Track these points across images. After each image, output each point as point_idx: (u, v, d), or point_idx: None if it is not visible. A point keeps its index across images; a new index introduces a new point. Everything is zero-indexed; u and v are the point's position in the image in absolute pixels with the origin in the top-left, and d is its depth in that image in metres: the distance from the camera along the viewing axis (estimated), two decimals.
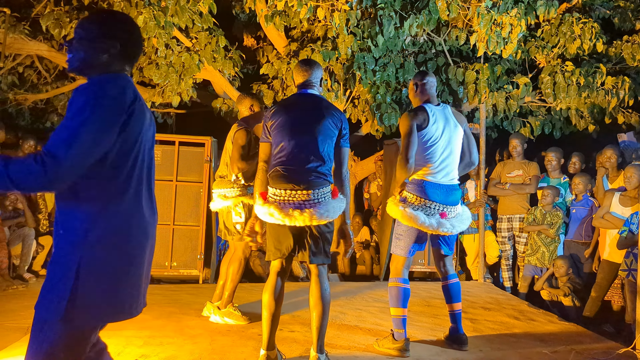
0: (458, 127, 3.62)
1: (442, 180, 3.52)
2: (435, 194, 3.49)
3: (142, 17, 5.27)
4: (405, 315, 3.51)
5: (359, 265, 7.00)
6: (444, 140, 3.53)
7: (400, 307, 3.50)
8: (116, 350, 3.36)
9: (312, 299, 3.09)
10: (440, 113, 3.57)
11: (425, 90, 3.65)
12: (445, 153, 3.54)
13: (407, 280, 3.60)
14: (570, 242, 5.59)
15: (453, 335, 3.68)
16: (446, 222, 3.47)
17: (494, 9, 5.23)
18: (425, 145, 3.50)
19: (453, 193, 3.58)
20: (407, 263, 3.61)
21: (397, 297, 3.52)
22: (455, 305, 3.66)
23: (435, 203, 3.48)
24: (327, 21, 5.87)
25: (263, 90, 6.34)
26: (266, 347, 3.11)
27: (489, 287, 5.77)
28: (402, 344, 3.45)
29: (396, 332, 3.50)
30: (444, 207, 3.50)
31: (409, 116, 3.50)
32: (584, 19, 5.71)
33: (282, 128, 3.09)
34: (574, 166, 6.03)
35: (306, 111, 3.12)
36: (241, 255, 4.11)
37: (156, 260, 5.91)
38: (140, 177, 1.88)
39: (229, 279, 4.09)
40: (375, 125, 6.41)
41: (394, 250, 3.65)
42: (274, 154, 3.14)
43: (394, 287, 3.56)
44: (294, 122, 3.09)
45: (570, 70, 5.85)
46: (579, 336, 4.04)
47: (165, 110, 8.31)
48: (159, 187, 6.03)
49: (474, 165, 3.83)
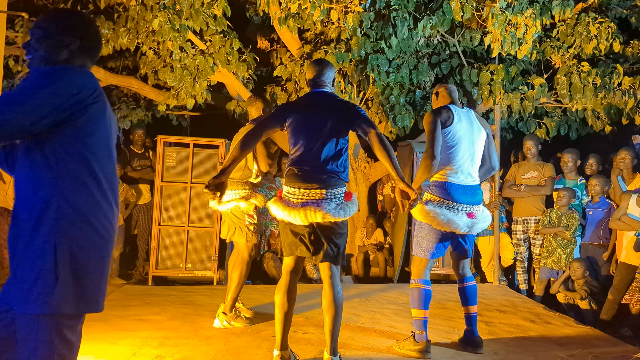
0: (482, 130, 3.61)
1: (464, 181, 3.50)
2: (460, 194, 3.47)
3: (157, 20, 5.32)
4: (426, 317, 3.50)
5: (372, 267, 6.98)
6: (467, 141, 3.51)
7: (422, 308, 3.49)
8: (132, 350, 3.39)
9: (325, 301, 3.09)
10: (465, 115, 3.56)
11: (447, 94, 3.65)
12: (467, 154, 3.52)
13: (429, 281, 3.58)
14: (587, 245, 5.52)
15: (468, 338, 3.65)
16: (472, 222, 3.45)
17: (508, 10, 5.20)
18: (448, 144, 3.47)
19: (477, 193, 3.57)
20: (428, 265, 3.59)
21: (418, 299, 3.51)
22: (471, 308, 3.64)
23: (462, 204, 3.46)
24: (340, 23, 5.88)
25: (277, 93, 6.36)
26: (279, 348, 3.13)
27: (504, 290, 5.72)
28: (424, 346, 3.43)
29: (417, 334, 3.48)
30: (470, 207, 3.49)
31: (433, 113, 3.48)
32: (600, 19, 5.65)
33: (296, 128, 3.12)
34: (590, 168, 5.96)
35: (319, 110, 3.14)
36: (247, 258, 4.07)
37: (171, 262, 5.97)
38: (97, 170, 1.89)
39: (233, 282, 4.02)
40: (389, 127, 6.39)
41: (415, 252, 3.64)
42: (290, 153, 3.17)
43: (416, 289, 3.54)
44: (308, 122, 3.12)
45: (587, 71, 5.78)
46: (596, 340, 3.99)
47: (180, 113, 8.37)
48: (174, 189, 6.08)
49: (494, 171, 3.83)
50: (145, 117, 8.18)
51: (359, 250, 7.00)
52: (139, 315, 4.30)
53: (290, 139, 3.17)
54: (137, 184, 6.67)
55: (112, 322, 4.06)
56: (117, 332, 3.80)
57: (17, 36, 6.26)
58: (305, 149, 3.09)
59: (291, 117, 3.15)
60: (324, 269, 3.12)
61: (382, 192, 7.71)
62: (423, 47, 6.15)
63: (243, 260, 4.07)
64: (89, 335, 3.68)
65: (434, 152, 3.39)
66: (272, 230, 6.91)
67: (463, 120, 3.52)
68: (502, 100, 6.02)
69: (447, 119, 3.47)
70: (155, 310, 4.45)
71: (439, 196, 3.48)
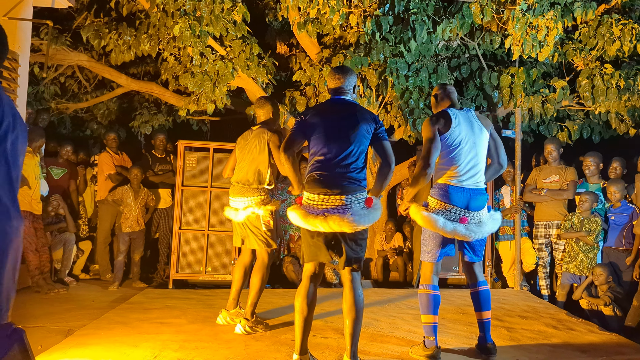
0: (483, 130, 3.57)
1: (466, 184, 3.47)
2: (457, 198, 3.44)
3: (178, 26, 5.38)
4: (436, 323, 3.48)
5: (392, 272, 6.96)
6: (468, 144, 3.49)
7: (431, 314, 3.47)
8: (152, 353, 3.43)
9: (346, 306, 3.11)
10: (464, 117, 3.53)
11: (445, 97, 3.64)
12: (469, 156, 3.49)
13: (437, 287, 3.56)
14: (609, 250, 5.43)
15: (481, 345, 3.61)
16: (462, 227, 3.40)
17: (529, 12, 5.15)
18: (449, 148, 3.46)
19: (478, 198, 3.50)
20: (435, 269, 3.57)
21: (427, 304, 3.49)
22: (485, 314, 3.59)
23: (456, 207, 3.43)
24: (359, 27, 5.88)
25: (296, 97, 6.39)
26: (299, 352, 3.14)
27: (525, 295, 5.64)
28: (433, 351, 3.42)
29: (427, 340, 3.47)
30: (465, 212, 3.44)
31: (430, 121, 3.48)
32: (623, 20, 5.56)
33: (317, 135, 3.17)
34: (614, 171, 5.86)
35: (340, 118, 3.18)
36: (268, 263, 4.05)
37: (191, 266, 6.03)
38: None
39: (255, 288, 3.99)
40: (408, 131, 6.36)
41: (421, 257, 3.65)
42: (310, 160, 3.20)
43: (424, 294, 3.53)
44: (328, 129, 3.16)
45: (610, 73, 5.69)
46: (620, 347, 3.91)
47: (200, 118, 8.45)
48: (194, 194, 6.14)
49: (503, 169, 3.75)
50: (166, 122, 8.29)
51: (378, 255, 6.98)
52: (160, 318, 4.35)
53: (310, 145, 3.22)
54: (157, 188, 6.75)
55: (133, 324, 4.12)
56: (138, 334, 3.85)
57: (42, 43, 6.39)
58: (326, 155, 3.13)
59: (311, 125, 3.20)
60: (345, 273, 3.15)
61: (401, 196, 7.67)
62: (442, 50, 6.12)
63: (264, 264, 4.05)
64: (110, 337, 3.75)
65: (429, 162, 3.37)
66: (292, 235, 6.93)
67: (462, 122, 3.49)
68: (523, 104, 5.96)
69: (445, 124, 3.45)
70: (176, 314, 4.50)
71: (437, 198, 3.47)
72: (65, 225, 6.17)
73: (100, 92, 8.01)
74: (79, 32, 6.57)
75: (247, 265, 4.24)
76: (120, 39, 6.30)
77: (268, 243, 4.04)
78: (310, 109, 3.32)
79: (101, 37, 6.33)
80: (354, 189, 3.09)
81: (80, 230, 6.66)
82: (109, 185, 6.63)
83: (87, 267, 6.78)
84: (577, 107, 6.45)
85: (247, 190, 4.06)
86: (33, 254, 5.43)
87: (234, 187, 4.15)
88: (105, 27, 6.37)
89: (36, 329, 4.09)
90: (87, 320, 4.31)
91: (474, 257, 3.64)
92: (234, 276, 4.31)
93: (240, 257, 4.29)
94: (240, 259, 4.28)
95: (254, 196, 4.04)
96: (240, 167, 4.14)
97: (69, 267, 6.23)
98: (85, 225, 6.84)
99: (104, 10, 6.57)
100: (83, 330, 4.01)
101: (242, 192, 4.08)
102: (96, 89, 8.05)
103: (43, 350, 3.49)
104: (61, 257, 6.12)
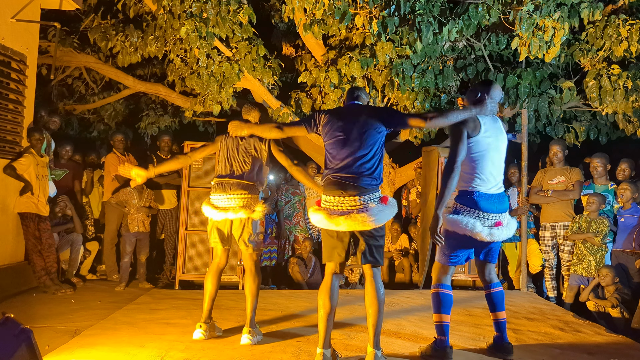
0: (506, 138, 3.62)
1: (492, 190, 3.48)
2: (487, 203, 3.44)
3: (184, 28, 5.41)
4: (447, 322, 3.47)
5: (397, 273, 6.94)
6: (494, 151, 3.49)
7: (443, 313, 3.47)
8: (159, 354, 3.44)
9: (368, 298, 3.25)
10: (492, 124, 3.52)
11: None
12: (494, 163, 3.49)
13: (449, 286, 3.56)
14: (618, 252, 5.39)
15: (498, 344, 3.60)
16: (497, 230, 3.43)
17: (536, 13, 5.13)
18: (475, 153, 3.44)
19: (504, 201, 3.55)
20: (450, 271, 3.58)
21: (438, 304, 3.49)
22: (500, 314, 3.60)
23: (490, 214, 3.44)
24: (365, 29, 5.89)
25: (301, 99, 6.40)
26: (322, 346, 3.25)
27: (532, 297, 5.62)
28: (444, 351, 3.41)
29: (438, 339, 3.46)
30: (499, 216, 3.47)
31: (460, 122, 3.45)
32: (631, 21, 5.53)
33: (333, 138, 3.32)
34: (622, 173, 5.82)
35: (354, 120, 3.33)
36: (257, 269, 3.88)
37: (197, 267, 6.04)
38: None
39: (251, 297, 3.81)
40: (414, 132, 6.36)
41: (437, 258, 3.64)
42: (326, 163, 3.36)
43: (436, 294, 3.53)
44: (343, 132, 3.31)
45: (617, 74, 5.67)
46: (627, 349, 3.89)
47: (207, 119, 8.48)
48: (200, 195, 6.14)
49: None
50: (172, 123, 8.32)
51: (384, 256, 6.96)
52: (166, 318, 4.36)
53: (326, 147, 3.36)
54: (160, 189, 6.73)
55: (140, 325, 4.13)
56: (144, 335, 3.86)
57: (50, 45, 6.43)
58: (342, 158, 3.28)
59: (327, 126, 3.35)
60: (367, 269, 3.31)
61: (407, 198, 7.66)
62: (448, 51, 6.11)
63: (255, 272, 3.88)
64: (117, 338, 3.76)
65: (455, 164, 3.38)
66: (297, 236, 6.93)
67: (490, 129, 3.49)
68: (529, 105, 5.94)
69: (474, 129, 3.43)
70: (182, 314, 4.51)
71: (465, 205, 3.45)
72: (73, 226, 6.20)
73: (107, 94, 8.05)
74: (86, 34, 6.62)
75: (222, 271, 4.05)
76: (127, 40, 6.34)
77: (254, 246, 3.88)
78: (327, 112, 3.46)
79: (108, 39, 6.37)
80: (370, 189, 3.22)
81: (87, 231, 6.69)
82: (116, 186, 6.65)
83: (94, 268, 6.81)
84: (584, 108, 6.42)
85: (231, 185, 3.91)
86: (37, 256, 5.47)
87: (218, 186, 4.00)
88: (112, 29, 6.40)
89: (43, 329, 4.10)
90: (94, 321, 4.33)
91: (493, 259, 3.65)
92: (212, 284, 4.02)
93: (214, 262, 4.07)
94: (212, 266, 4.06)
95: (237, 195, 3.87)
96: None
97: (76, 268, 6.27)
98: (91, 226, 6.86)
99: (111, 12, 6.62)
100: (90, 330, 4.03)
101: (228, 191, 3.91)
102: (103, 91, 8.09)
103: (50, 350, 3.51)
104: (68, 257, 6.15)
